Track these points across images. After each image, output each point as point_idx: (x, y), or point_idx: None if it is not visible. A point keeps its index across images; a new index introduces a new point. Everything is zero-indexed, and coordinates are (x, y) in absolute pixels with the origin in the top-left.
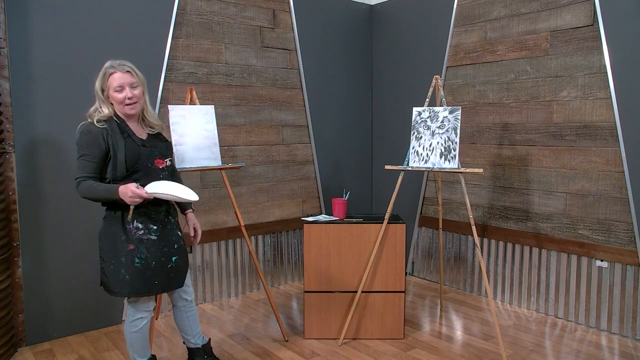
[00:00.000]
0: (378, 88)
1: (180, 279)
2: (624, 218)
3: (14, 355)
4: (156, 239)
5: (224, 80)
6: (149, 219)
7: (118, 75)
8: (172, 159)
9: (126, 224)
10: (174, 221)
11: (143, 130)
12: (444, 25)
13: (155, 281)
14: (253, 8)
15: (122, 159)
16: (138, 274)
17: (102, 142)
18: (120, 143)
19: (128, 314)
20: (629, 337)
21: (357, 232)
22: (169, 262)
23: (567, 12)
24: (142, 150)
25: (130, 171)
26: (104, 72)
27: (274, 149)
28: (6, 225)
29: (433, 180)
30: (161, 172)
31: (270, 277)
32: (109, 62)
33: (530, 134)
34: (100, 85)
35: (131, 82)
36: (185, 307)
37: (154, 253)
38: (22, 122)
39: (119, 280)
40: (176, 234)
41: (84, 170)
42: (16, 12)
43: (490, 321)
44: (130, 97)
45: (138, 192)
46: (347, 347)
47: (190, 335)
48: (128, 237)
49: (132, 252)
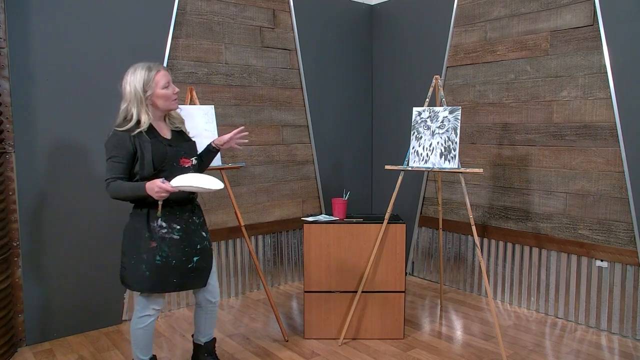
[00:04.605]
0: (378, 88)
1: (202, 280)
2: (624, 218)
3: (14, 355)
4: (178, 238)
5: (224, 80)
6: (173, 219)
7: (163, 73)
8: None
9: (150, 222)
10: (198, 222)
11: (167, 129)
12: (444, 25)
13: (173, 279)
14: (253, 8)
15: (149, 159)
16: (157, 271)
17: (129, 143)
18: (147, 144)
19: (136, 310)
20: (629, 337)
21: (357, 232)
22: (190, 262)
23: (567, 12)
24: (168, 150)
25: (157, 170)
26: (147, 73)
27: (274, 149)
28: (6, 225)
29: (433, 180)
30: (187, 171)
31: (270, 277)
32: (140, 64)
33: (530, 134)
34: (142, 86)
35: (171, 79)
36: (207, 308)
37: (175, 252)
38: (22, 122)
39: (137, 276)
40: (200, 235)
41: (113, 172)
42: (16, 12)
43: (490, 321)
44: (176, 93)
45: (164, 187)
46: (347, 347)
47: (202, 334)
48: (152, 234)
49: (154, 249)
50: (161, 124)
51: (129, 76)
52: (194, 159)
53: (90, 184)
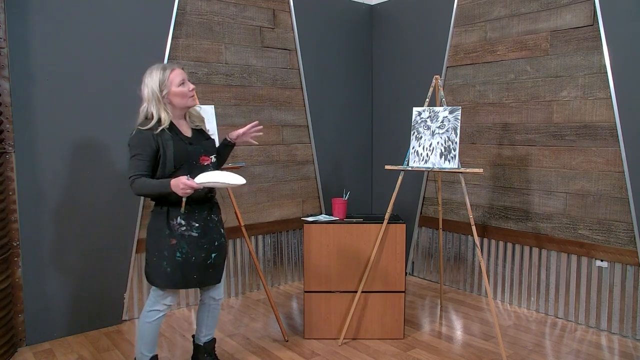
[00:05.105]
0: (378, 88)
1: (218, 275)
2: (624, 218)
3: (14, 355)
4: (197, 235)
5: (224, 80)
6: (192, 217)
7: (178, 71)
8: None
9: (170, 220)
10: (217, 219)
11: (188, 127)
12: (444, 25)
13: (194, 275)
14: (253, 8)
15: (170, 156)
16: (178, 268)
17: (152, 141)
18: (168, 141)
19: (147, 304)
20: (629, 337)
21: (357, 232)
22: (209, 258)
23: (567, 12)
24: (189, 148)
25: (177, 168)
26: (162, 73)
27: (274, 149)
28: (6, 225)
29: (433, 180)
30: (205, 169)
31: (270, 277)
32: (155, 65)
33: (530, 134)
34: (158, 86)
35: (186, 77)
36: (211, 305)
37: (194, 249)
38: (22, 122)
39: (160, 272)
40: (218, 232)
41: (136, 169)
42: (16, 12)
43: (490, 321)
44: (192, 90)
45: (189, 184)
46: (347, 347)
47: (202, 333)
48: (171, 232)
49: (174, 246)
50: (182, 122)
51: (146, 78)
52: (212, 157)
53: (91, 183)
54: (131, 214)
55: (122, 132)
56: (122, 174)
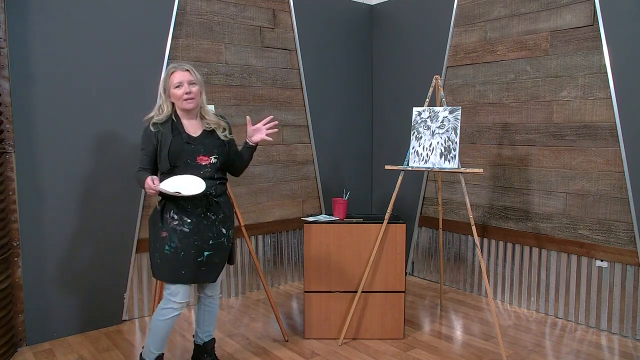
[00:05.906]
0: (378, 88)
1: (212, 274)
2: (624, 218)
3: (14, 355)
4: (188, 231)
5: (224, 80)
6: (184, 212)
7: (178, 74)
8: (232, 150)
9: (164, 213)
10: (215, 218)
11: (199, 127)
12: (444, 25)
13: (182, 271)
14: (253, 8)
15: (165, 154)
16: (167, 261)
17: (153, 138)
18: (167, 140)
19: (161, 302)
20: (629, 337)
21: (357, 232)
22: (200, 255)
23: (567, 12)
24: (185, 147)
25: (172, 165)
26: (167, 73)
27: (274, 149)
28: (6, 225)
29: (433, 180)
30: (203, 169)
31: (270, 277)
32: (172, 64)
33: (530, 134)
34: (163, 86)
35: (189, 80)
36: (205, 301)
37: (185, 244)
38: (22, 122)
39: (154, 264)
40: (217, 230)
41: (140, 162)
42: (16, 12)
43: (490, 321)
44: (188, 93)
45: (151, 185)
46: (347, 347)
47: (201, 331)
48: (163, 225)
49: (164, 239)
50: (192, 122)
51: (163, 74)
52: (213, 157)
53: (91, 183)
54: (131, 214)
55: (122, 132)
56: (122, 174)
